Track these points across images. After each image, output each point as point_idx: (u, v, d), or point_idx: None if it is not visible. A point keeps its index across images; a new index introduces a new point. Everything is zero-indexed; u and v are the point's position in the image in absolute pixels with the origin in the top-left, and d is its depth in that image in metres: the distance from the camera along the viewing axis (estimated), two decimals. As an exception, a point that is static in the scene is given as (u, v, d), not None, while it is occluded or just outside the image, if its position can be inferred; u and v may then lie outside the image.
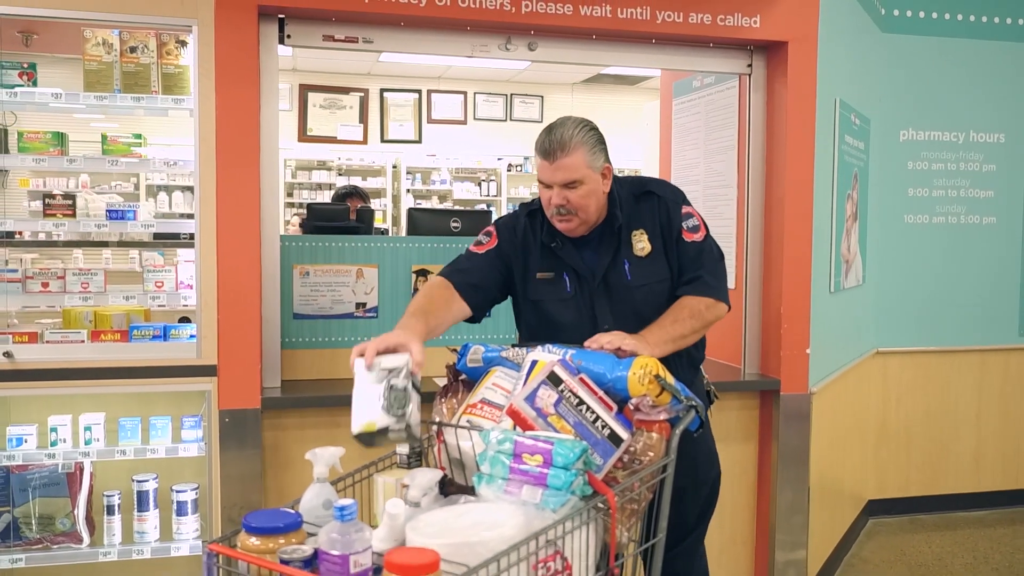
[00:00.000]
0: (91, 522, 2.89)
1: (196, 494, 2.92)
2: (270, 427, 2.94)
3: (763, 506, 3.48)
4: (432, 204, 10.06)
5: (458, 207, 9.54)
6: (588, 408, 1.87)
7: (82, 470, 2.88)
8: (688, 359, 2.44)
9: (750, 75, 3.45)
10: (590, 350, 2.07)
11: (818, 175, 3.44)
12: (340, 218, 3.67)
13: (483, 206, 9.94)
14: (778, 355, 3.36)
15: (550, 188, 2.30)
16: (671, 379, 1.99)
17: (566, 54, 3.28)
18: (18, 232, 4.13)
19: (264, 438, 2.91)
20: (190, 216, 2.84)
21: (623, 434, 1.87)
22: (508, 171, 10.41)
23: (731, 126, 3.65)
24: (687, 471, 2.08)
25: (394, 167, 10.04)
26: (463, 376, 2.23)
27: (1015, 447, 4.83)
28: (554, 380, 1.88)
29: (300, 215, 7.26)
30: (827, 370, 3.67)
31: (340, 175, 9.86)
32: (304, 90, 9.57)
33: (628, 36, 3.26)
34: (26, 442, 2.79)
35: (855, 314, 4.25)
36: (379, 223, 9.25)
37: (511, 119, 10.63)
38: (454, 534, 1.53)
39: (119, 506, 2.88)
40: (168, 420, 2.89)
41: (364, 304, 3.23)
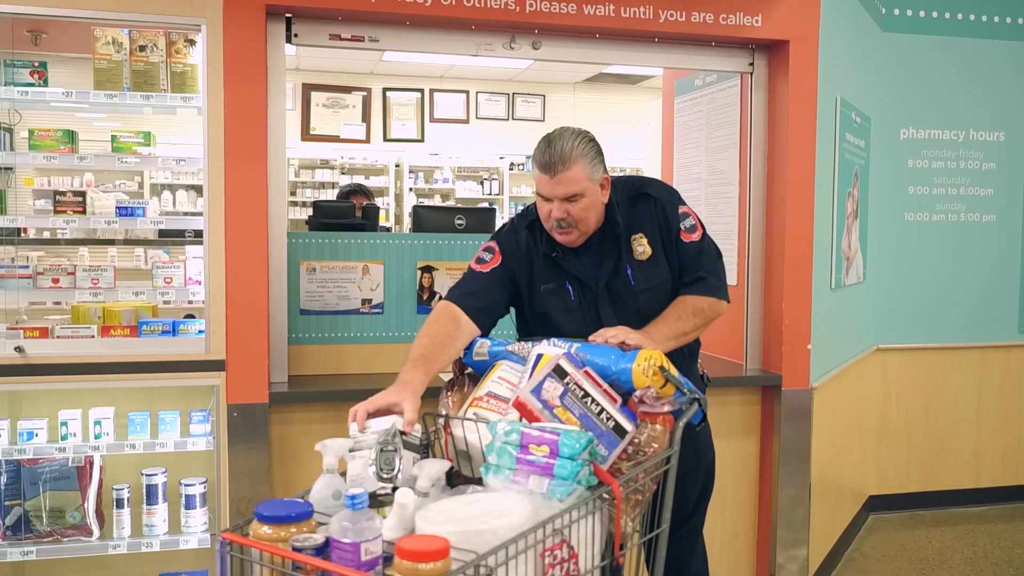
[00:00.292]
0: (101, 515, 2.92)
1: (204, 488, 2.95)
2: (277, 421, 2.97)
3: (765, 501, 3.50)
4: (434, 202, 10.08)
5: (461, 205, 9.56)
6: (593, 400, 1.90)
7: (92, 464, 2.90)
8: (689, 351, 2.48)
9: (752, 74, 3.48)
10: (595, 344, 2.10)
11: (819, 173, 3.46)
12: (346, 215, 3.70)
13: (485, 205, 9.97)
14: (779, 351, 3.39)
15: (549, 201, 2.27)
16: (675, 371, 2.02)
17: (570, 53, 3.31)
18: (24, 230, 4.15)
19: (271, 432, 2.94)
20: (194, 214, 2.87)
21: (627, 426, 1.90)
22: (510, 170, 10.43)
23: (732, 124, 3.68)
24: (689, 455, 2.11)
25: (397, 166, 10.06)
26: (468, 370, 2.26)
27: (1015, 443, 4.85)
28: (560, 373, 1.91)
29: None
30: (828, 366, 3.70)
31: (343, 174, 9.89)
32: (307, 89, 9.58)
33: (631, 35, 3.29)
34: (37, 436, 2.82)
35: (855, 311, 4.27)
36: (382, 221, 9.27)
37: (513, 118, 10.64)
38: (463, 522, 1.55)
39: (128, 499, 2.91)
40: (176, 415, 2.92)
41: (370, 300, 3.26)
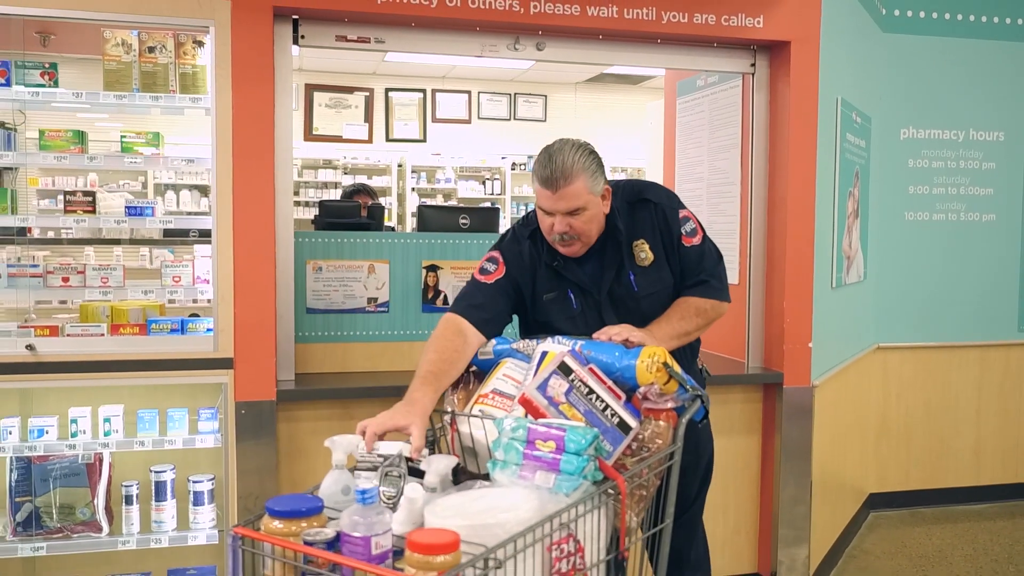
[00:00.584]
0: (110, 512, 2.95)
1: (212, 484, 2.98)
2: (284, 419, 3.00)
3: (766, 498, 3.53)
4: (437, 202, 10.10)
5: (460, 205, 9.59)
6: (598, 397, 1.93)
7: (101, 461, 2.93)
8: (690, 349, 2.51)
9: (753, 74, 3.51)
10: (599, 341, 2.13)
11: (820, 173, 3.49)
12: (352, 215, 3.73)
13: (487, 204, 10.00)
14: (781, 349, 3.42)
15: (551, 215, 2.28)
16: (678, 368, 2.05)
17: (573, 54, 3.34)
18: (28, 229, 4.18)
19: (279, 429, 2.98)
20: (199, 214, 2.90)
21: (632, 422, 1.93)
22: (512, 170, 10.45)
23: (734, 125, 3.70)
24: (690, 450, 2.13)
25: (399, 166, 10.08)
26: (474, 367, 2.29)
27: (1015, 441, 4.87)
28: (565, 370, 1.94)
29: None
30: (829, 364, 3.73)
31: (346, 174, 9.91)
32: (310, 89, 9.61)
33: (634, 36, 3.32)
34: (47, 433, 2.84)
35: (856, 310, 4.30)
36: (385, 221, 9.28)
37: (515, 118, 10.65)
38: (472, 516, 1.58)
39: (137, 496, 2.94)
40: (185, 412, 2.95)
41: (375, 299, 3.29)
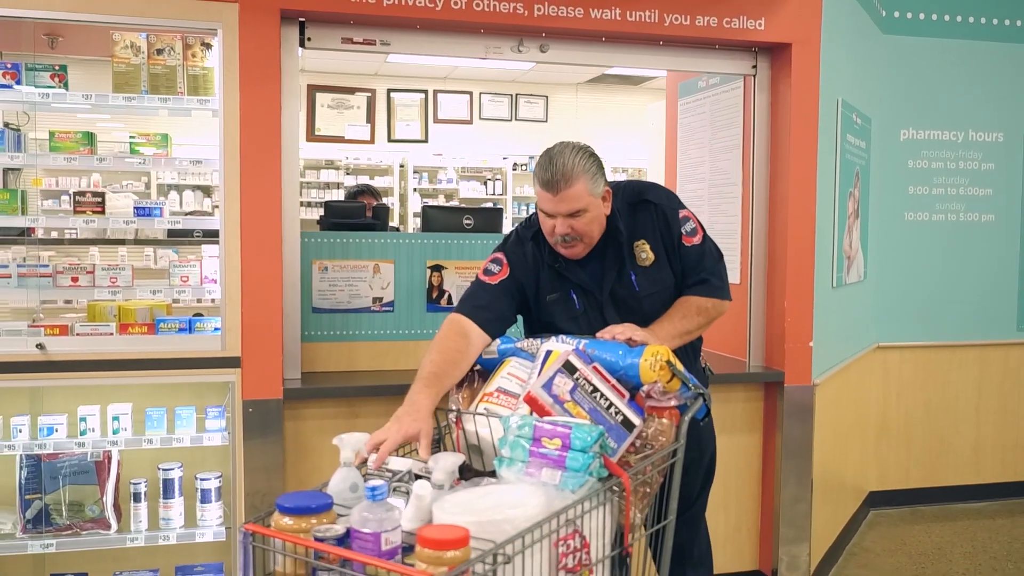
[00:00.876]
0: (118, 509, 2.98)
1: (219, 482, 3.01)
2: (291, 417, 3.03)
3: (767, 496, 3.56)
4: (439, 202, 10.13)
5: (464, 205, 9.62)
6: (602, 395, 1.96)
7: (110, 459, 2.96)
8: (692, 348, 2.55)
9: (754, 76, 3.54)
10: (602, 340, 2.16)
11: (821, 173, 3.52)
12: (357, 215, 3.76)
13: (489, 205, 10.02)
14: (782, 348, 3.45)
15: (553, 217, 2.31)
16: (681, 366, 2.08)
17: (576, 56, 3.37)
18: (32, 230, 4.21)
19: (285, 428, 3.00)
20: (203, 214, 2.92)
21: (635, 420, 1.96)
22: (513, 170, 10.46)
23: (736, 126, 3.73)
24: (693, 447, 2.17)
25: (401, 166, 10.10)
26: (478, 367, 2.32)
27: (1014, 440, 4.90)
28: (569, 368, 1.97)
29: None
30: (829, 363, 3.75)
31: (348, 174, 9.93)
32: (312, 90, 9.64)
33: (636, 38, 3.35)
34: (57, 431, 2.87)
35: (856, 309, 4.33)
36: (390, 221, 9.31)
37: (516, 119, 10.67)
38: (480, 512, 1.61)
39: (145, 493, 2.97)
40: (192, 410, 2.97)
41: (381, 299, 3.32)
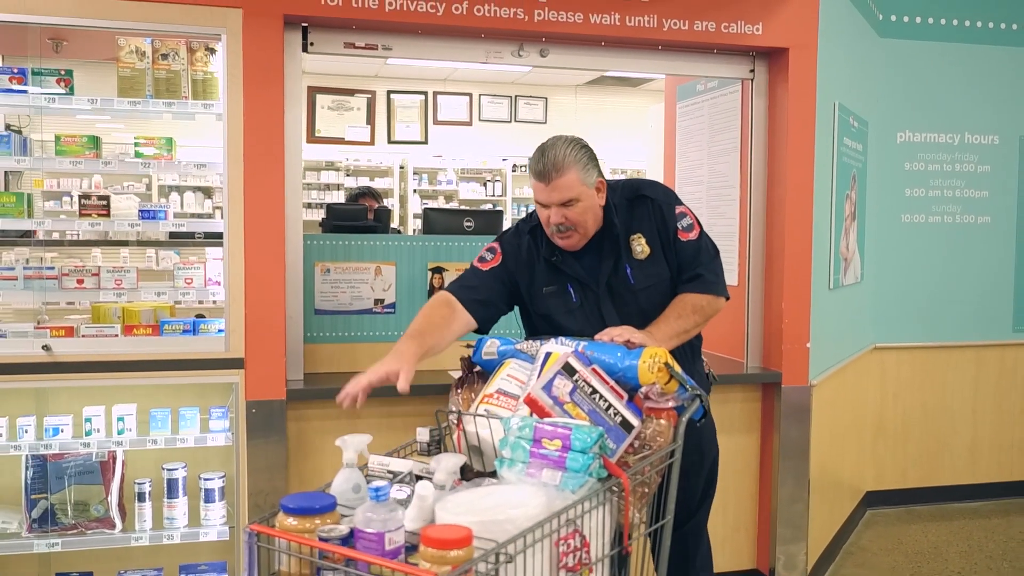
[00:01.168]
0: (123, 508, 3.00)
1: (223, 482, 3.03)
2: (294, 418, 3.06)
3: (765, 496, 3.60)
4: (440, 204, 10.16)
5: (464, 207, 9.65)
6: (601, 396, 1.99)
7: (115, 459, 2.99)
8: (691, 349, 2.58)
9: (752, 80, 3.57)
10: (601, 342, 2.20)
11: (818, 176, 3.55)
12: (359, 218, 3.79)
13: (489, 206, 10.05)
14: (779, 349, 3.48)
15: (547, 207, 2.38)
16: (679, 368, 2.12)
17: (576, 60, 3.40)
18: (34, 231, 4.23)
19: (288, 428, 3.03)
20: (204, 216, 2.95)
21: (634, 421, 1.99)
22: (513, 171, 10.50)
23: (734, 129, 3.76)
24: (693, 451, 2.20)
25: (401, 167, 10.13)
26: (478, 368, 2.35)
27: (1010, 440, 4.93)
28: (569, 370, 2.00)
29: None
30: (826, 364, 3.78)
31: (348, 176, 9.97)
32: (312, 92, 9.66)
33: (635, 43, 3.38)
34: (62, 432, 2.90)
35: (853, 310, 4.36)
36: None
37: (516, 120, 10.70)
38: (482, 512, 1.63)
39: (150, 493, 2.99)
40: (196, 411, 3.00)
41: (382, 300, 3.35)
